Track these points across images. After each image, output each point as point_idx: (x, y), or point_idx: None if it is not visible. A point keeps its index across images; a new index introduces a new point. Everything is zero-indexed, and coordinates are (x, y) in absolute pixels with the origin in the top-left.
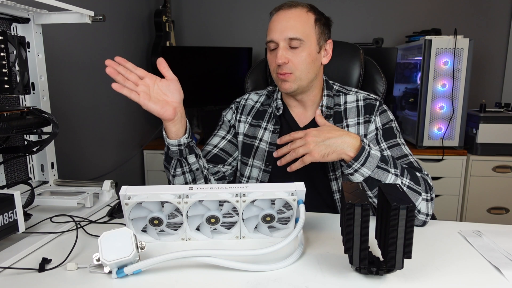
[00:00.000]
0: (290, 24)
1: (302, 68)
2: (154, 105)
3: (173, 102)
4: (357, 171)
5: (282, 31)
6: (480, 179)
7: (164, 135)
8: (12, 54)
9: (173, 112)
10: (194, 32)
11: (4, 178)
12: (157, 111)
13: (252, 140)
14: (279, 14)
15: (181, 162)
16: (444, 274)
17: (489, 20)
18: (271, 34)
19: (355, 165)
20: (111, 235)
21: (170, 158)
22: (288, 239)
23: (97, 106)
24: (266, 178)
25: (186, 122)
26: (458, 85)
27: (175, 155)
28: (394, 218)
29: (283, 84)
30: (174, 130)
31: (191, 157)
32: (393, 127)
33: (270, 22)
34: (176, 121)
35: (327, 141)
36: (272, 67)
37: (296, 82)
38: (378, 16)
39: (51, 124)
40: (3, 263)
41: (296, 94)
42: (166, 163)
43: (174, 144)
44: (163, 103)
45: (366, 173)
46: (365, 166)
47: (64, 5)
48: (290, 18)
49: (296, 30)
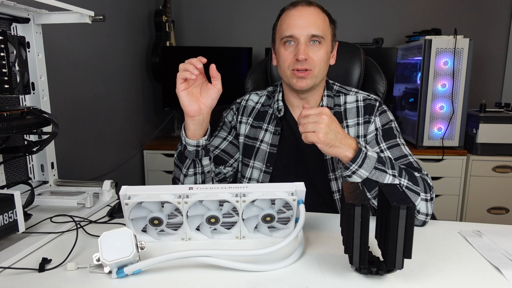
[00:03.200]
0: (313, 21)
1: (320, 66)
2: (185, 96)
3: (202, 103)
4: (355, 173)
5: (305, 27)
6: (480, 179)
7: (183, 134)
8: (12, 54)
9: (197, 110)
10: (194, 32)
11: (4, 178)
12: (184, 102)
13: (253, 141)
14: (299, 9)
15: (195, 163)
16: (444, 274)
17: (489, 20)
18: (291, 29)
19: (352, 166)
20: (111, 235)
21: (185, 157)
22: (288, 239)
23: (97, 106)
24: (267, 179)
25: (208, 127)
26: (458, 85)
27: (191, 155)
28: (394, 218)
29: (299, 81)
30: (192, 129)
31: (206, 159)
32: (392, 127)
33: (286, 17)
34: (197, 120)
35: (336, 133)
36: (287, 63)
37: (312, 79)
38: (378, 16)
39: (51, 124)
40: (3, 263)
41: (304, 92)
42: (179, 162)
43: (193, 144)
44: (194, 98)
45: (364, 174)
46: (362, 168)
47: (64, 5)
48: (312, 15)
49: (318, 27)
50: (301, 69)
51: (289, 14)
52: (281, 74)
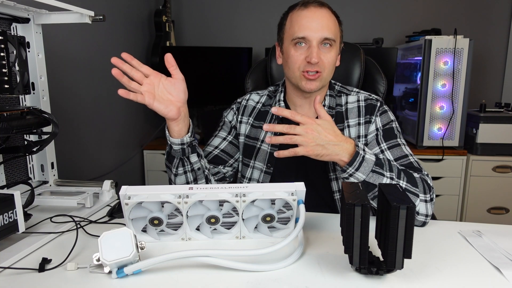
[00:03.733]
0: (325, 23)
1: (329, 69)
2: (159, 105)
3: (177, 102)
4: (352, 176)
5: (319, 29)
6: (480, 179)
7: (167, 134)
8: (12, 54)
9: (177, 112)
10: (194, 32)
11: (4, 178)
12: (161, 110)
13: (253, 141)
14: (311, 10)
15: (183, 161)
16: (444, 274)
17: (489, 20)
18: (304, 31)
19: (349, 169)
20: (111, 235)
21: (172, 157)
22: (288, 239)
23: (97, 106)
24: (267, 179)
25: (189, 122)
26: (458, 85)
27: (177, 154)
28: (394, 218)
29: (309, 83)
30: (176, 130)
31: (193, 156)
32: (393, 127)
33: (298, 18)
34: (179, 120)
35: (326, 143)
36: (297, 65)
37: (321, 82)
38: (378, 16)
39: (51, 124)
40: (3, 263)
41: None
42: (168, 162)
43: (177, 143)
44: (167, 102)
45: (361, 177)
46: (359, 171)
47: (64, 5)
48: (325, 17)
49: (331, 30)
50: (312, 71)
51: (301, 15)
52: (289, 74)
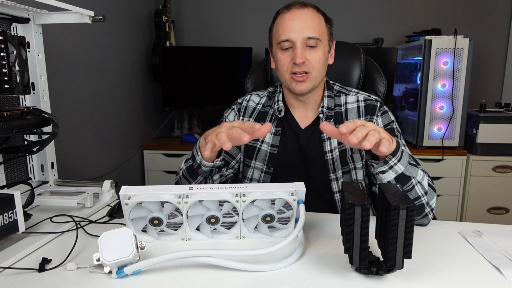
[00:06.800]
0: (308, 23)
1: (318, 68)
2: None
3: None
4: (392, 167)
5: (300, 30)
6: (480, 179)
7: (199, 155)
8: (12, 54)
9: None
10: (194, 32)
11: (4, 178)
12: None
13: (254, 142)
14: (293, 13)
15: (207, 179)
16: (444, 274)
17: (489, 20)
18: (287, 33)
19: (392, 160)
20: (111, 235)
21: (197, 174)
22: (288, 239)
23: (97, 106)
24: (267, 179)
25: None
26: (458, 85)
27: (204, 173)
28: (394, 218)
29: (298, 85)
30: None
31: (216, 175)
32: (394, 128)
33: (281, 21)
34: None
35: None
36: (285, 68)
37: (311, 82)
38: (378, 16)
39: (51, 124)
40: (3, 263)
41: (304, 95)
42: (189, 176)
43: (209, 166)
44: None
45: (400, 169)
46: (400, 162)
47: (64, 5)
48: (307, 17)
49: (314, 29)
50: (300, 72)
51: (284, 18)
52: (280, 78)
